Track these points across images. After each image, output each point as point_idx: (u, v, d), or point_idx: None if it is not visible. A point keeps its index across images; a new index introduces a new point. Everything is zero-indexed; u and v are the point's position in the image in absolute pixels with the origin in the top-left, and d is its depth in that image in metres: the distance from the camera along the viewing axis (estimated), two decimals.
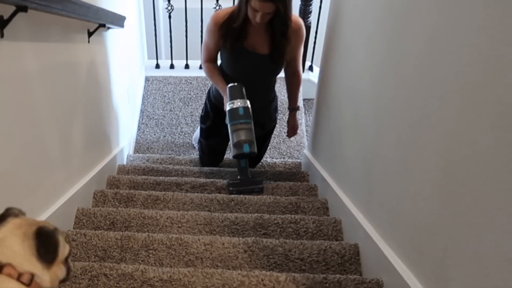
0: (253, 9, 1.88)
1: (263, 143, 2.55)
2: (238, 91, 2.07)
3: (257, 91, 2.23)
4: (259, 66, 2.14)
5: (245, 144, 2.03)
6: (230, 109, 2.06)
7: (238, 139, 2.04)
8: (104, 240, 1.53)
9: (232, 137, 2.07)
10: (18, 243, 0.80)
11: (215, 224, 1.73)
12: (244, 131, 2.04)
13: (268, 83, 2.32)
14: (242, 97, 2.06)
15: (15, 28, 1.18)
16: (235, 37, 2.03)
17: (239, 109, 2.04)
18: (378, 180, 1.37)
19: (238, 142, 2.04)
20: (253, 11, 1.90)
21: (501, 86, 0.77)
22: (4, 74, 1.16)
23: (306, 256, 1.49)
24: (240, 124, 2.04)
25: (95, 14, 1.80)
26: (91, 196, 1.97)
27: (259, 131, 2.35)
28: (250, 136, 2.05)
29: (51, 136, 1.51)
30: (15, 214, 0.87)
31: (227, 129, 2.43)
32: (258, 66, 2.13)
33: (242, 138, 2.03)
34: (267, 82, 2.30)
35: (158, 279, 1.29)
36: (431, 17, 1.04)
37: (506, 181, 0.75)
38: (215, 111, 2.41)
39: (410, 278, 1.11)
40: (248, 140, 2.04)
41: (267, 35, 2.07)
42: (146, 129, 3.47)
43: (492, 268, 0.79)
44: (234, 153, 2.08)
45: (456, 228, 0.91)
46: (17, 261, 0.77)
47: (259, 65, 2.13)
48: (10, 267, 0.76)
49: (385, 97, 1.32)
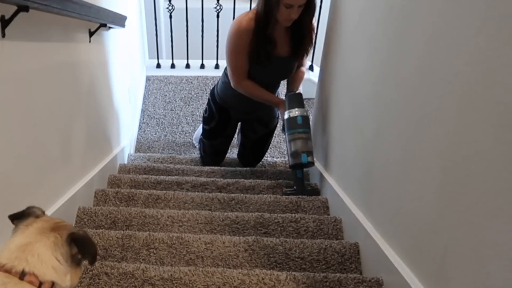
0: (286, 5, 1.84)
1: (266, 141, 2.56)
2: (297, 99, 2.04)
3: (271, 88, 2.24)
4: (282, 69, 2.15)
5: (303, 154, 1.97)
6: (288, 117, 2.02)
7: (296, 149, 1.98)
8: (105, 239, 1.53)
9: (290, 147, 2.01)
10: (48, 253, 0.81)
11: (216, 223, 1.73)
12: (302, 141, 1.98)
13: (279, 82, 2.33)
14: (300, 106, 2.03)
15: (17, 27, 1.19)
16: (268, 44, 2.00)
17: (298, 118, 1.99)
18: (378, 179, 1.37)
19: (296, 152, 1.98)
20: (286, 10, 1.86)
21: (501, 85, 0.77)
22: (5, 74, 1.16)
23: (306, 255, 1.50)
24: (299, 134, 1.99)
25: (96, 14, 1.80)
26: (92, 195, 1.98)
27: (263, 129, 2.37)
28: (308, 146, 2.00)
29: (52, 135, 1.52)
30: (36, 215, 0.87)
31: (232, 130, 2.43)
32: (282, 68, 2.15)
33: (300, 148, 1.97)
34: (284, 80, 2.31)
35: (159, 278, 1.29)
36: (431, 18, 1.04)
37: (506, 180, 0.75)
38: (220, 113, 2.41)
39: (410, 277, 1.11)
40: (306, 151, 1.98)
41: (287, 36, 2.06)
42: (147, 128, 3.48)
43: (492, 267, 0.79)
44: (291, 163, 2.02)
45: (456, 227, 0.91)
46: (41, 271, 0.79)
47: (283, 68, 2.14)
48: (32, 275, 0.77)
49: (385, 97, 1.33)
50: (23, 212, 0.87)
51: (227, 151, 2.71)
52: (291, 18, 1.89)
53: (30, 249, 0.80)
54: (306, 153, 1.97)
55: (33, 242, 0.81)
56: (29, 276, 0.77)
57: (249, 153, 2.56)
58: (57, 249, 0.83)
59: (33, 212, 0.87)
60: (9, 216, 0.86)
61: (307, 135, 2.00)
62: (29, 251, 0.80)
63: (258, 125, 2.45)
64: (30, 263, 0.78)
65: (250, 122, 2.49)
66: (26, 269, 0.77)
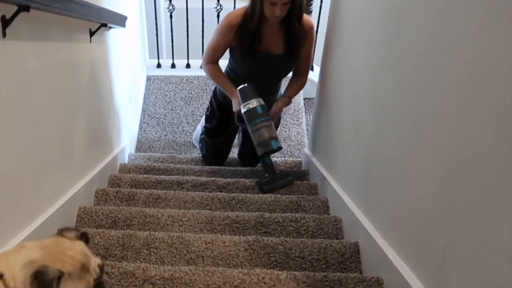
0: (270, 2, 1.87)
1: None
2: (251, 91, 2.05)
3: (269, 87, 2.24)
4: (275, 66, 2.15)
5: (272, 141, 1.99)
6: (247, 110, 2.03)
7: (263, 138, 2.00)
8: (106, 238, 1.54)
9: (255, 137, 2.02)
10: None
11: (216, 223, 1.74)
12: (267, 128, 2.00)
13: (280, 79, 2.34)
14: (256, 96, 2.04)
15: (17, 27, 1.19)
16: (251, 40, 2.03)
17: (257, 108, 2.01)
18: (378, 179, 1.37)
19: (265, 141, 2.00)
20: (270, 6, 1.89)
21: (500, 85, 0.77)
22: (6, 73, 1.17)
23: (306, 254, 1.50)
24: (261, 123, 2.00)
25: (96, 14, 1.80)
26: (92, 195, 1.98)
27: None
28: (273, 132, 2.02)
29: (52, 135, 1.52)
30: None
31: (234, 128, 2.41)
32: (274, 66, 2.15)
33: (267, 136, 1.99)
34: (279, 79, 2.32)
35: (159, 277, 1.29)
36: (431, 17, 1.04)
37: (505, 180, 0.75)
38: (221, 110, 2.41)
39: (410, 276, 1.11)
40: (273, 137, 2.01)
41: (281, 34, 2.07)
42: (147, 128, 3.48)
43: (492, 266, 0.79)
44: (261, 152, 2.03)
45: (456, 226, 0.91)
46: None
47: (275, 65, 2.14)
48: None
49: (385, 96, 1.33)
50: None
51: (229, 151, 2.71)
52: (276, 15, 1.91)
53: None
54: (274, 139, 2.00)
55: None
56: None
57: (249, 152, 2.55)
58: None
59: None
60: None
61: (269, 122, 2.02)
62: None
63: None
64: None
65: None
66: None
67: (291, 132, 3.46)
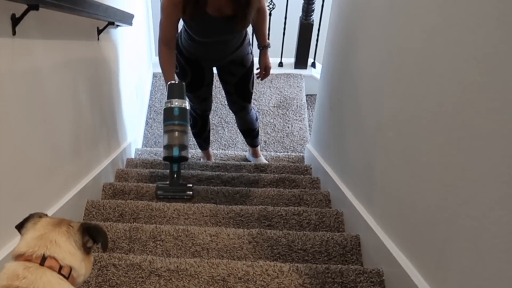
0: None
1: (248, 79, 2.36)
2: (177, 90, 1.93)
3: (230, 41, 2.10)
4: (227, 28, 1.97)
5: (175, 147, 1.87)
6: (165, 107, 1.92)
7: (168, 142, 1.89)
8: (113, 231, 1.56)
9: (163, 138, 1.92)
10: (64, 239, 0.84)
11: (221, 216, 1.76)
12: (177, 133, 1.88)
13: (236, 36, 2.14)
14: (180, 97, 1.91)
15: (27, 26, 1.21)
16: (193, 4, 1.83)
17: (175, 109, 1.88)
18: (378, 173, 1.38)
19: (169, 145, 1.89)
20: None
21: (498, 82, 0.78)
22: (16, 70, 1.19)
23: (309, 247, 1.51)
24: (174, 126, 1.88)
25: (104, 12, 1.82)
26: (100, 189, 2.01)
27: (241, 69, 2.24)
28: (182, 139, 1.89)
29: (61, 130, 1.55)
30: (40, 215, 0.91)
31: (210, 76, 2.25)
32: (226, 28, 1.97)
33: (172, 141, 1.88)
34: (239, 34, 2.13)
35: (165, 269, 1.31)
36: (430, 15, 1.05)
37: (503, 174, 0.76)
38: (190, 64, 2.22)
39: (410, 268, 1.13)
40: (179, 144, 1.87)
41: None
42: (153, 123, 3.51)
43: (489, 259, 0.80)
44: (163, 155, 1.93)
45: (455, 220, 0.92)
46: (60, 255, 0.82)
47: (227, 27, 1.96)
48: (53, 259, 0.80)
49: (385, 92, 1.34)
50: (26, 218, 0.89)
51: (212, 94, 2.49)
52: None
53: (46, 237, 0.83)
54: (178, 146, 1.88)
55: (47, 232, 0.84)
56: (49, 260, 0.80)
57: (236, 98, 2.41)
58: (70, 236, 0.86)
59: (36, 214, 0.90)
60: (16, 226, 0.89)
61: (183, 128, 1.90)
62: (46, 239, 0.83)
63: (234, 67, 2.26)
64: (49, 248, 0.81)
65: (225, 66, 2.30)
66: (46, 253, 0.80)
67: (293, 127, 3.47)
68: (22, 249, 0.81)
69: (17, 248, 0.82)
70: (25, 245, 0.82)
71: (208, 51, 2.12)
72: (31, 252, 0.80)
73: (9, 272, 0.76)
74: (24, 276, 0.75)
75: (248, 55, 2.27)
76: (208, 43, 2.05)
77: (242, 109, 2.50)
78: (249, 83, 2.37)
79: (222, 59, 2.21)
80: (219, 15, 1.90)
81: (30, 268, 0.77)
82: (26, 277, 0.75)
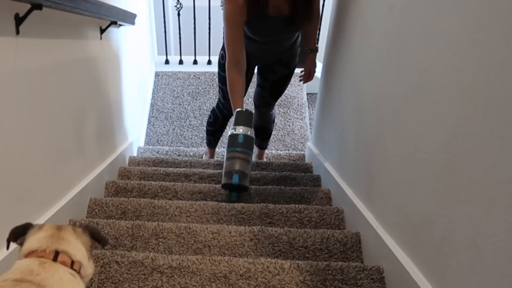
0: None
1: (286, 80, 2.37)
2: (245, 117, 1.90)
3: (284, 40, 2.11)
4: (285, 27, 1.99)
5: (235, 175, 1.81)
6: (231, 134, 1.90)
7: (229, 168, 1.84)
8: (116, 228, 1.57)
9: (225, 165, 1.88)
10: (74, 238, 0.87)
11: (223, 214, 1.76)
12: (239, 161, 1.84)
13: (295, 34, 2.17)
14: (246, 125, 1.89)
15: (30, 25, 1.22)
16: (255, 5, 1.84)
17: (239, 136, 1.86)
18: (378, 171, 1.39)
19: (229, 172, 1.83)
20: None
21: (498, 81, 0.78)
22: (20, 69, 1.20)
23: (309, 244, 1.52)
24: (237, 153, 1.85)
25: (107, 12, 1.82)
26: (103, 187, 2.02)
27: (284, 69, 2.26)
28: (243, 167, 1.84)
29: (65, 128, 1.56)
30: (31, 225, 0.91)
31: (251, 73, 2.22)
32: (284, 27, 1.98)
33: (234, 168, 1.83)
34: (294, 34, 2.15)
35: (167, 266, 1.31)
36: (430, 14, 1.05)
37: (502, 172, 0.76)
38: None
39: (410, 265, 1.13)
40: (240, 171, 1.82)
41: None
42: (156, 122, 3.53)
43: (488, 256, 0.80)
44: (223, 182, 1.88)
45: (454, 217, 0.93)
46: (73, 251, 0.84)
47: (285, 26, 1.98)
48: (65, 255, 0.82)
49: (385, 91, 1.34)
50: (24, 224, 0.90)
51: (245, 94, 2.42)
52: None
53: (57, 235, 0.85)
54: (239, 174, 1.82)
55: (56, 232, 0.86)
56: (62, 256, 0.81)
57: (267, 93, 2.40)
58: (78, 237, 0.88)
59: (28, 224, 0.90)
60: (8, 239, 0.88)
61: (245, 156, 1.85)
62: (57, 237, 0.85)
63: (279, 66, 2.26)
64: (61, 244, 0.83)
65: (270, 64, 2.29)
66: (59, 249, 0.82)
67: (294, 126, 3.48)
68: (34, 246, 0.82)
69: (28, 246, 0.83)
70: (37, 242, 0.83)
71: (262, 49, 2.12)
72: (44, 248, 0.81)
73: (23, 267, 0.77)
74: (38, 273, 0.76)
75: (295, 57, 2.29)
76: (264, 42, 2.07)
77: (267, 105, 2.49)
78: (286, 84, 2.39)
79: (272, 58, 2.23)
80: (278, 14, 1.91)
81: (44, 264, 0.78)
82: (40, 273, 0.76)
